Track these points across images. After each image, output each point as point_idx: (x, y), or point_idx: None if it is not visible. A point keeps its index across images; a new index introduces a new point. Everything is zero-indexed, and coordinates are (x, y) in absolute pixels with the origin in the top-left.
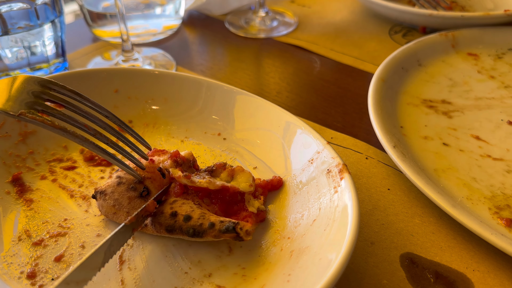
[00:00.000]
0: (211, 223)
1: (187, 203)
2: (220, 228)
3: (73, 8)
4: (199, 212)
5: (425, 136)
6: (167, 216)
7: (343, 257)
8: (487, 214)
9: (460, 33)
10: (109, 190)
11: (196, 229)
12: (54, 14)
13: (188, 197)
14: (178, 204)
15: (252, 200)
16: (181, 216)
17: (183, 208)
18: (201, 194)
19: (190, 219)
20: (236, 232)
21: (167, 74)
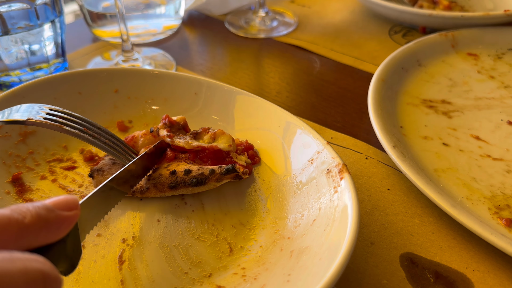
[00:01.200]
0: (211, 169)
1: (181, 164)
2: (221, 171)
3: (73, 8)
4: (196, 167)
5: (425, 136)
6: (167, 175)
7: (343, 257)
8: (487, 214)
9: (460, 33)
10: (106, 168)
11: (198, 177)
12: (54, 14)
13: (181, 160)
14: (173, 165)
15: (239, 156)
16: (181, 172)
17: (179, 166)
18: (191, 156)
19: (190, 172)
20: (236, 171)
21: (167, 74)
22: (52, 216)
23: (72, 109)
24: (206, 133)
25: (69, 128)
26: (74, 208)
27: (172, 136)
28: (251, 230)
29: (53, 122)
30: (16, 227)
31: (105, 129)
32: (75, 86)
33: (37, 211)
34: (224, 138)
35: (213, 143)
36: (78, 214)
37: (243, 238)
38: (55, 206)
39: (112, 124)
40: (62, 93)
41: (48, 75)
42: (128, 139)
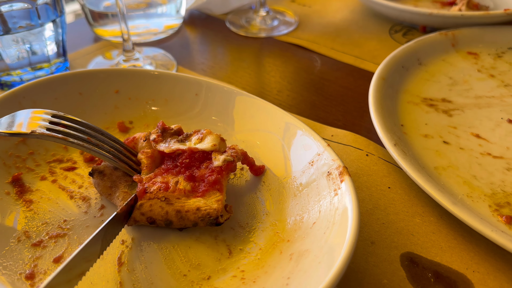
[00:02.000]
0: (194, 223)
1: (154, 203)
2: (205, 225)
3: (74, 8)
4: (174, 213)
5: (425, 134)
6: (145, 223)
7: (343, 261)
8: (487, 212)
9: (460, 32)
10: (108, 171)
11: (181, 228)
12: (55, 14)
13: (152, 196)
14: (147, 208)
15: (218, 156)
16: (161, 222)
17: (154, 211)
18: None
19: (171, 223)
20: (218, 223)
21: (167, 74)
22: None
23: (72, 109)
24: (195, 135)
25: (73, 140)
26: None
27: (158, 142)
28: (251, 232)
29: (57, 133)
30: None
31: (107, 133)
32: (75, 87)
33: None
34: (210, 138)
35: (193, 145)
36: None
37: (242, 240)
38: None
39: (112, 125)
40: (63, 94)
41: (49, 74)
42: (129, 140)
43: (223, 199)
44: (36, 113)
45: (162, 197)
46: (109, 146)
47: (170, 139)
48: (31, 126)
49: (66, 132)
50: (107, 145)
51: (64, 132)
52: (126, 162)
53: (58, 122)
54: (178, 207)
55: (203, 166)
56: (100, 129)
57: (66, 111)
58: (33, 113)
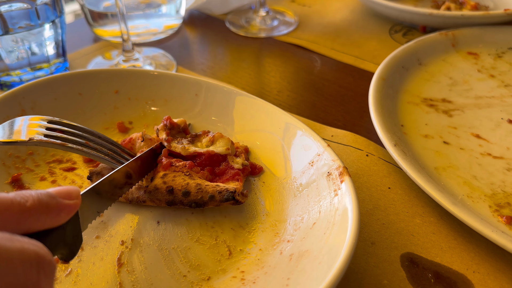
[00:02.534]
0: (211, 195)
1: (178, 175)
2: (221, 199)
3: (74, 8)
4: (195, 185)
5: (425, 134)
6: (164, 192)
7: (343, 262)
8: (487, 212)
9: (460, 32)
10: (105, 173)
11: (197, 202)
12: (54, 14)
13: (177, 169)
14: (170, 177)
15: (235, 159)
16: (179, 192)
17: (176, 181)
18: (188, 165)
19: (189, 194)
20: (235, 200)
21: (167, 75)
22: (53, 202)
23: (72, 110)
24: (205, 136)
25: (71, 145)
26: (75, 198)
27: (170, 141)
28: (251, 232)
29: (55, 139)
30: (18, 209)
31: (104, 136)
32: (75, 87)
33: (39, 197)
34: (222, 141)
35: (211, 147)
36: (79, 203)
37: (242, 241)
38: (57, 194)
39: (112, 125)
40: (62, 94)
41: (48, 75)
42: (126, 142)
43: (241, 186)
44: (33, 120)
45: (187, 172)
46: (107, 149)
47: (180, 138)
48: (29, 133)
49: (64, 138)
50: (105, 148)
51: (62, 138)
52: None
53: (55, 127)
54: (200, 181)
55: (222, 164)
56: (98, 133)
57: (66, 112)
58: (30, 119)
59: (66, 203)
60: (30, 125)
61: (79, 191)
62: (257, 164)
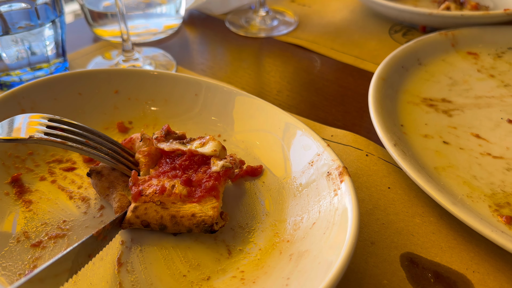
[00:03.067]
0: (188, 229)
1: (149, 206)
2: (199, 231)
3: (73, 8)
4: (169, 218)
5: (425, 134)
6: (140, 226)
7: (342, 261)
8: (487, 212)
9: (460, 32)
10: (105, 172)
11: (176, 233)
12: (54, 14)
13: (147, 198)
14: (142, 210)
15: (216, 161)
16: (155, 225)
17: (149, 214)
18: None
19: (166, 227)
20: (213, 231)
21: (167, 75)
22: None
23: (72, 110)
24: (198, 140)
25: (71, 144)
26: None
27: (159, 141)
28: (250, 232)
29: (55, 137)
30: None
31: (104, 135)
32: (75, 87)
33: None
34: (212, 144)
35: (193, 148)
36: None
37: (242, 240)
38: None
39: (112, 125)
40: (62, 94)
41: (48, 74)
42: (126, 141)
43: (219, 206)
44: (33, 118)
45: (158, 201)
46: (107, 148)
47: (172, 140)
48: (29, 131)
49: (64, 136)
50: (105, 147)
51: (62, 136)
52: (124, 163)
53: (55, 126)
54: (173, 212)
55: (201, 170)
56: (98, 132)
57: (66, 111)
58: (30, 117)
59: None
60: (30, 123)
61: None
62: (256, 166)
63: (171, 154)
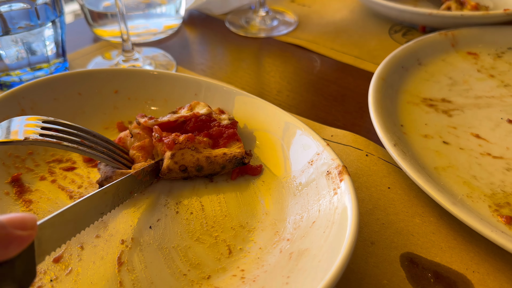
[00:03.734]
0: (222, 166)
1: (185, 152)
2: (232, 166)
3: (73, 8)
4: (204, 159)
5: (425, 134)
6: (178, 171)
7: (342, 260)
8: (487, 212)
9: (459, 32)
10: (113, 174)
11: (212, 173)
12: (54, 14)
13: (181, 145)
14: (179, 156)
15: (221, 117)
16: (192, 168)
17: (186, 159)
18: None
19: (202, 169)
20: (244, 163)
21: (167, 75)
22: (2, 233)
23: (71, 109)
24: (183, 108)
25: (67, 144)
26: (30, 228)
27: (153, 118)
28: (250, 231)
29: (50, 138)
30: None
31: (99, 135)
32: (74, 87)
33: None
34: (200, 105)
35: (193, 111)
36: (33, 234)
37: (242, 239)
38: (9, 223)
39: (112, 125)
40: (62, 94)
41: (48, 75)
42: (116, 141)
43: (243, 146)
44: (30, 120)
45: (192, 147)
46: (102, 147)
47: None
48: (25, 132)
49: (60, 136)
50: (100, 146)
51: (57, 137)
52: (121, 160)
53: (51, 127)
54: (207, 154)
55: (213, 125)
56: (93, 132)
57: (65, 111)
58: (27, 119)
59: (17, 234)
60: (27, 125)
61: (35, 220)
62: (256, 165)
63: (174, 125)
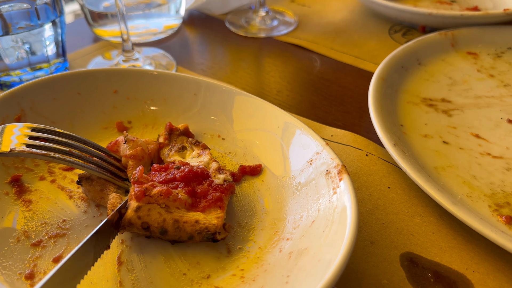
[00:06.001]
0: (190, 235)
1: (153, 208)
2: (200, 239)
3: (73, 8)
4: (172, 222)
5: (425, 134)
6: (139, 227)
7: (342, 259)
8: (487, 212)
9: (459, 32)
10: (95, 176)
11: (175, 240)
12: (54, 14)
13: (152, 200)
14: (144, 211)
15: (218, 175)
16: (156, 229)
17: (152, 216)
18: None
19: (166, 232)
20: (215, 240)
21: (166, 74)
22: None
23: (71, 109)
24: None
25: (53, 154)
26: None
27: (162, 147)
28: (250, 231)
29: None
30: None
31: (90, 142)
32: (74, 87)
33: None
34: (206, 155)
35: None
36: None
37: (241, 239)
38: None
39: (111, 125)
40: (61, 94)
41: (48, 75)
42: (112, 144)
43: (223, 217)
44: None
45: (163, 204)
46: (92, 155)
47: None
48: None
49: (47, 147)
50: (90, 154)
51: (45, 147)
52: (111, 170)
53: (39, 136)
54: (177, 216)
55: (204, 182)
56: (83, 138)
57: (65, 111)
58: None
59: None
60: (12, 134)
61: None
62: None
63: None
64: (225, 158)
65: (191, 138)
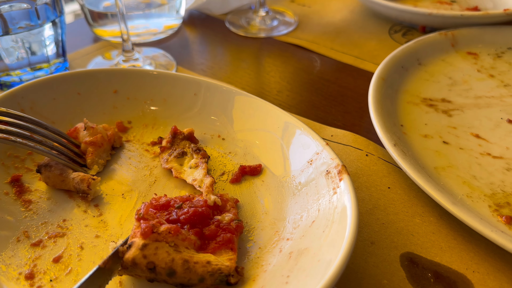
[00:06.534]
0: (201, 278)
1: (161, 246)
2: (212, 282)
3: (73, 8)
4: (181, 262)
5: (425, 134)
6: (144, 268)
7: (342, 259)
8: (487, 212)
9: (459, 32)
10: (53, 162)
11: (184, 283)
12: (54, 14)
13: (160, 237)
14: (151, 250)
15: (223, 214)
16: (162, 270)
17: (159, 256)
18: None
19: (175, 274)
20: (228, 283)
21: (166, 74)
22: None
23: (71, 109)
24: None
25: (14, 139)
26: None
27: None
28: (250, 231)
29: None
30: None
31: (50, 127)
32: (74, 87)
33: None
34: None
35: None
36: None
37: (241, 239)
38: None
39: (111, 125)
40: (61, 94)
41: (48, 75)
42: (71, 131)
43: (235, 259)
44: None
45: (172, 242)
46: (52, 140)
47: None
48: None
49: (8, 130)
50: (50, 139)
51: (6, 131)
52: (69, 155)
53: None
54: (187, 256)
55: (212, 223)
56: (44, 123)
57: (65, 111)
58: None
59: None
60: None
61: None
62: (255, 165)
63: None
64: (225, 158)
65: (193, 144)
